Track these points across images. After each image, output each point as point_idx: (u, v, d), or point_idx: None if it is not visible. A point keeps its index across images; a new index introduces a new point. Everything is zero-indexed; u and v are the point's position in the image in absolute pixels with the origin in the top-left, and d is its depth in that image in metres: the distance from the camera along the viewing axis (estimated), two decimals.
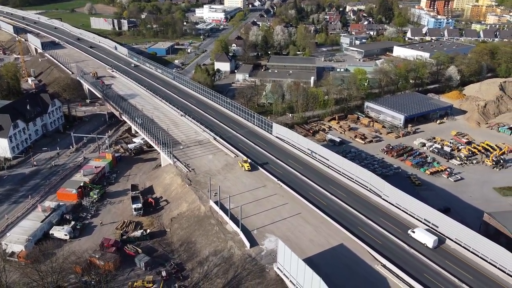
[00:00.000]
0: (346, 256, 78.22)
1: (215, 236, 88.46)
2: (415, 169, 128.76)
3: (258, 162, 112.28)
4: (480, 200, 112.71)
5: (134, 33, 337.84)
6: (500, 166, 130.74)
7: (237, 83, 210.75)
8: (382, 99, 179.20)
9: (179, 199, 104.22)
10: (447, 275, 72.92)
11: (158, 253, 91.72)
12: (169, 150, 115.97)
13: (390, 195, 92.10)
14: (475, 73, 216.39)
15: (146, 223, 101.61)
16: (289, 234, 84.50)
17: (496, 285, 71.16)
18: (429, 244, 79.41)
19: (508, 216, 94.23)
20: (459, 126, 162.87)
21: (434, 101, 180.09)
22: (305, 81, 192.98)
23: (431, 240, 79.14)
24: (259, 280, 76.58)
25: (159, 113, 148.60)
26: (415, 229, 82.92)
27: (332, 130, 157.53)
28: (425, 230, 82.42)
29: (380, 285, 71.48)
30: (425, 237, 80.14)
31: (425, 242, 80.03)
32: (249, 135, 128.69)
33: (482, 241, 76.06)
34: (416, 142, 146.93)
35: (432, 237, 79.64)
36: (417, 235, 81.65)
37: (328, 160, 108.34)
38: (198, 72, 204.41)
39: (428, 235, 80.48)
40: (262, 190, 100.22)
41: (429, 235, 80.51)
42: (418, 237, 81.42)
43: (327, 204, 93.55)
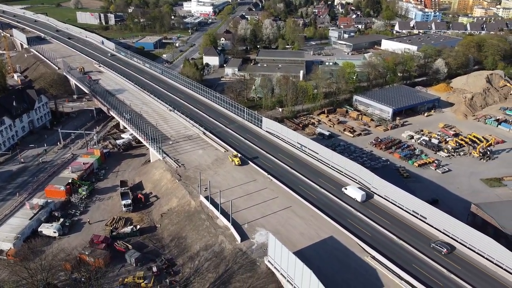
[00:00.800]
0: (336, 248, 78.93)
1: (205, 231, 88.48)
2: (403, 161, 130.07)
3: (248, 156, 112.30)
4: (467, 191, 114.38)
5: (121, 27, 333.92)
6: (487, 157, 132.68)
7: (226, 77, 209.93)
8: (371, 92, 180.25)
9: (169, 195, 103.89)
10: (434, 264, 74.16)
11: (148, 249, 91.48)
12: (158, 145, 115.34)
13: (378, 188, 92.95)
14: (462, 66, 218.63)
15: (136, 219, 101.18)
16: (280, 227, 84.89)
17: (484, 275, 72.42)
18: (358, 198, 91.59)
19: (495, 207, 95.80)
20: (446, 119, 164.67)
21: (422, 94, 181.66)
22: (294, 75, 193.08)
23: (359, 195, 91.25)
24: (250, 274, 76.94)
25: (147, 108, 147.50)
26: (347, 187, 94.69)
27: (322, 124, 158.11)
28: (355, 187, 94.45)
29: (369, 277, 72.30)
30: (355, 193, 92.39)
31: (355, 197, 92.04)
32: (239, 130, 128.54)
33: (470, 232, 77.29)
34: (404, 134, 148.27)
35: (360, 192, 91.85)
36: (349, 192, 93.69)
37: (317, 153, 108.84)
38: (187, 66, 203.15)
39: (357, 191, 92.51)
40: (252, 184, 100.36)
41: (358, 191, 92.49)
42: (349, 193, 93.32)
43: (317, 197, 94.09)
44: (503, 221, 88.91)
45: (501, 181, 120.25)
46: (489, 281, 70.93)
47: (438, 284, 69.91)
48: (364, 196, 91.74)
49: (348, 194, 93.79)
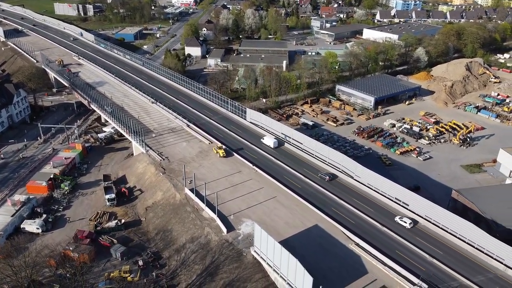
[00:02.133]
0: (321, 236, 79.94)
1: (191, 223, 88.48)
2: (385, 149, 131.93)
3: (233, 148, 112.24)
4: (448, 177, 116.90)
5: (101, 18, 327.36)
6: (467, 144, 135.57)
7: (209, 68, 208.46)
8: (353, 82, 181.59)
9: (153, 188, 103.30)
10: (417, 250, 75.90)
11: (134, 242, 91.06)
12: (141, 138, 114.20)
13: (361, 176, 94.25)
14: (442, 54, 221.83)
15: (120, 213, 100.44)
16: (265, 217, 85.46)
17: (466, 259, 74.46)
18: (270, 145, 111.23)
19: (476, 192, 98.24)
20: (427, 106, 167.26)
21: (403, 83, 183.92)
22: (278, 65, 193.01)
23: (272, 142, 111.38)
24: (237, 264, 77.46)
25: (129, 101, 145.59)
26: (264, 137, 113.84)
27: (305, 114, 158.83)
28: (271, 137, 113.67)
29: (354, 264, 73.57)
30: (269, 141, 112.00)
31: (268, 145, 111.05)
32: (223, 121, 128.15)
33: (451, 217, 79.22)
34: (386, 123, 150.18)
35: (272, 140, 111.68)
36: (265, 141, 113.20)
37: (301, 143, 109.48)
38: (168, 57, 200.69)
39: (271, 139, 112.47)
40: (237, 175, 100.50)
41: (272, 139, 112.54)
42: (265, 141, 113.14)
43: (301, 187, 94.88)
44: (483, 206, 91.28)
45: (481, 167, 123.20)
46: (469, 265, 72.99)
47: (421, 268, 71.61)
48: (276, 143, 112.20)
49: (265, 142, 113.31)
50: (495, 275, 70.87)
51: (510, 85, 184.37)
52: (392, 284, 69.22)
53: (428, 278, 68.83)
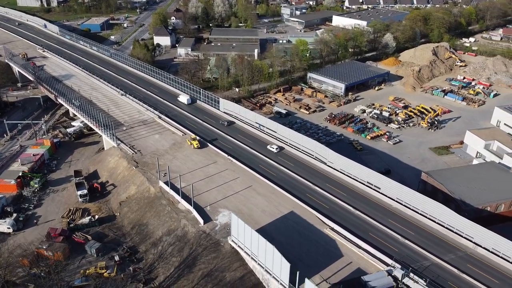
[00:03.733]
0: (296, 222, 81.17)
1: (167, 216, 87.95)
2: (356, 135, 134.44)
3: (207, 138, 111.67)
4: (417, 160, 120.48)
5: (65, 9, 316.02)
6: (435, 127, 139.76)
7: (179, 58, 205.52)
8: (324, 69, 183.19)
9: (126, 182, 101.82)
10: (390, 232, 78.24)
11: (109, 238, 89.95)
12: (111, 132, 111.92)
13: (334, 162, 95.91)
14: (409, 40, 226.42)
15: (94, 209, 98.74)
16: (242, 206, 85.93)
17: (437, 239, 77.32)
18: (184, 102, 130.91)
19: (444, 174, 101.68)
20: (396, 91, 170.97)
21: (372, 69, 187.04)
22: (249, 54, 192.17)
23: (185, 99, 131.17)
24: (215, 255, 77.83)
25: (97, 94, 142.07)
26: (179, 96, 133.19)
27: (278, 102, 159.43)
28: (185, 95, 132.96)
29: (329, 247, 75.21)
30: (183, 98, 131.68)
31: (183, 102, 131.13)
32: (196, 112, 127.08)
33: (421, 198, 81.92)
34: (356, 109, 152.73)
35: (186, 98, 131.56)
36: (180, 98, 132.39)
37: (275, 132, 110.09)
38: (137, 48, 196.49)
39: (185, 97, 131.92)
40: (212, 166, 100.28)
41: (186, 97, 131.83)
42: (180, 99, 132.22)
43: (276, 174, 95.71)
44: (451, 186, 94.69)
45: (448, 149, 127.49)
46: (440, 244, 75.89)
47: (394, 250, 73.95)
48: (189, 100, 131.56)
49: (180, 100, 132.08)
50: (465, 253, 73.93)
51: (475, 68, 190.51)
52: (367, 266, 71.26)
53: (401, 258, 71.19)
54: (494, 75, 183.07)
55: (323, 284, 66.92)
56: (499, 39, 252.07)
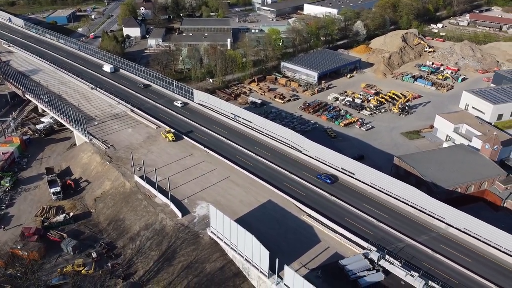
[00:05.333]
0: (274, 210, 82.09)
1: (144, 210, 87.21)
2: (330, 122, 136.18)
3: (182, 131, 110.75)
4: (389, 145, 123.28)
5: (30, 1, 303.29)
6: (406, 112, 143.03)
7: (150, 49, 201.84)
8: (297, 58, 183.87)
9: (100, 178, 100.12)
10: (365, 215, 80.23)
11: (85, 235, 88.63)
12: (83, 127, 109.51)
13: (309, 149, 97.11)
14: (379, 27, 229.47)
15: (68, 206, 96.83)
16: (220, 198, 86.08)
17: (410, 221, 79.77)
18: (108, 70, 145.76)
19: (415, 158, 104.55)
20: (367, 78, 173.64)
21: (344, 56, 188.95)
22: (222, 44, 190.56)
23: (108, 68, 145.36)
24: (194, 247, 77.92)
25: (67, 88, 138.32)
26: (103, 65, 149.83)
27: (253, 92, 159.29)
28: (108, 65, 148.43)
29: (307, 233, 76.53)
30: (106, 67, 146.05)
31: (106, 70, 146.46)
32: (170, 104, 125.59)
33: (394, 182, 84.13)
34: (329, 97, 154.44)
35: (109, 67, 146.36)
36: (104, 68, 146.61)
37: (251, 122, 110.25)
38: (106, 40, 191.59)
39: (108, 66, 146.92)
40: (189, 159, 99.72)
41: (109, 66, 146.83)
42: (104, 68, 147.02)
43: (253, 165, 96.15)
44: (423, 170, 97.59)
45: (419, 133, 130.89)
46: (414, 226, 78.40)
47: (368, 233, 75.93)
48: (112, 69, 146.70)
49: (104, 69, 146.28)
50: (437, 233, 76.64)
51: (444, 53, 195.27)
52: (344, 250, 72.99)
53: (376, 241, 73.25)
54: (461, 60, 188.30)
55: (302, 269, 68.22)
56: (466, 24, 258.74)
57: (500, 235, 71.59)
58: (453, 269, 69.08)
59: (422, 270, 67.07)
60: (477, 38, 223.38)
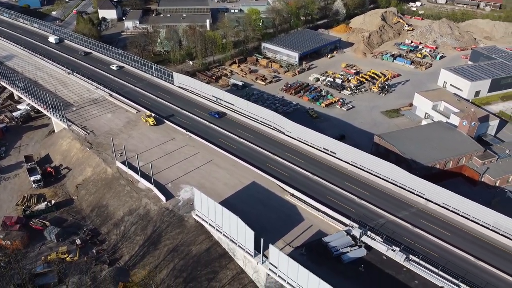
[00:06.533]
0: (258, 192, 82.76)
1: (127, 196, 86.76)
2: (312, 103, 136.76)
3: (163, 115, 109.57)
4: (370, 124, 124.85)
5: None
6: (385, 91, 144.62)
7: (127, 32, 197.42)
8: (277, 38, 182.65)
9: (81, 165, 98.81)
10: (346, 193, 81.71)
11: (68, 222, 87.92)
12: (61, 113, 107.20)
13: (292, 131, 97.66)
14: (359, 6, 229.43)
15: (49, 194, 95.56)
16: (204, 181, 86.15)
17: (391, 197, 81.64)
18: (53, 41, 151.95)
19: (395, 136, 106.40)
20: (348, 58, 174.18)
21: (324, 36, 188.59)
22: (201, 25, 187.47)
23: (53, 39, 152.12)
24: (179, 230, 78.27)
25: (43, 74, 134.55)
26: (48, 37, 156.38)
27: (234, 74, 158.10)
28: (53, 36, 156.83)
29: (290, 213, 77.62)
30: (52, 39, 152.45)
31: (51, 41, 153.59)
32: (149, 88, 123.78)
33: (375, 160, 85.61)
34: (311, 77, 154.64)
35: (54, 37, 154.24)
36: (49, 39, 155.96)
37: (233, 104, 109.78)
38: (81, 23, 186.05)
39: (53, 37, 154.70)
40: (171, 143, 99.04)
41: (54, 37, 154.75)
42: (49, 39, 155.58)
43: (236, 147, 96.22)
44: (402, 147, 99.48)
45: (398, 111, 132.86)
46: (394, 202, 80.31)
47: (350, 210, 77.49)
48: (57, 39, 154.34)
49: (49, 40, 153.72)
50: (417, 209, 78.73)
51: (422, 32, 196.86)
52: (326, 227, 74.41)
53: (358, 218, 74.89)
54: (440, 37, 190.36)
55: (286, 248, 69.41)
56: (444, 2, 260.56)
57: (478, 209, 74.03)
58: (433, 243, 71.35)
59: (403, 245, 69.06)
60: (455, 16, 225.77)
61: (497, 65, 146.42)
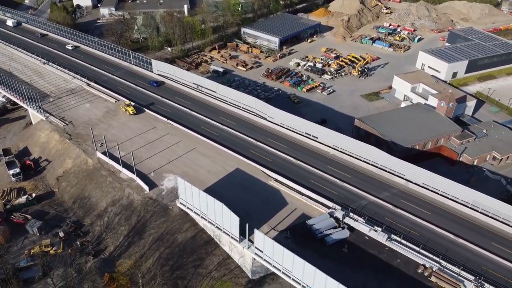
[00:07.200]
0: (242, 178, 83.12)
1: (109, 186, 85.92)
2: (293, 88, 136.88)
3: (143, 103, 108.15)
4: (350, 108, 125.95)
5: None
6: (365, 75, 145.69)
7: (103, 19, 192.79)
8: (257, 23, 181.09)
9: (61, 156, 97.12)
10: (328, 176, 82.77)
11: (50, 215, 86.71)
12: (37, 104, 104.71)
13: (274, 116, 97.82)
14: None
15: (30, 187, 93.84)
16: (187, 169, 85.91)
17: (372, 179, 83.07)
18: (10, 24, 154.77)
19: (375, 119, 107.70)
20: (327, 42, 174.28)
21: (304, 21, 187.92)
22: (179, 10, 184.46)
23: (11, 22, 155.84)
24: (164, 219, 78.19)
25: (17, 65, 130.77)
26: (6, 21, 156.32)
27: (214, 61, 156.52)
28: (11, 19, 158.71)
29: (274, 198, 78.37)
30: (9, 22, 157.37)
31: (9, 25, 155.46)
32: (128, 76, 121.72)
33: (355, 143, 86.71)
34: (291, 62, 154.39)
35: (12, 21, 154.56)
36: (7, 22, 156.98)
37: (215, 92, 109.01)
38: (55, 11, 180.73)
39: (11, 20, 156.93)
40: (152, 132, 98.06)
41: (11, 20, 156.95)
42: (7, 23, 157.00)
43: (219, 134, 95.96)
44: (382, 130, 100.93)
45: (378, 94, 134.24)
46: (376, 184, 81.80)
47: (333, 193, 78.65)
48: (15, 23, 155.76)
49: (7, 24, 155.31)
50: (398, 189, 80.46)
51: (400, 14, 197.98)
52: (310, 210, 75.49)
53: (341, 200, 76.13)
54: (417, 20, 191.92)
55: (271, 232, 70.26)
56: None
57: (457, 188, 76.12)
58: (414, 222, 73.23)
59: (385, 225, 70.71)
60: None
61: (474, 46, 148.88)
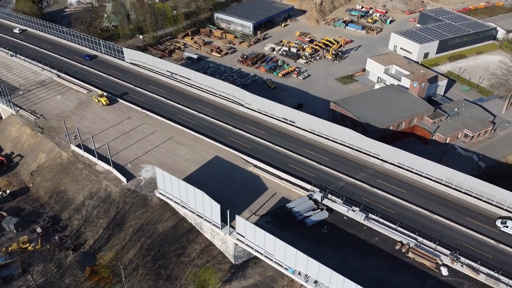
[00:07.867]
0: (222, 165, 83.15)
1: (86, 179, 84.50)
2: (269, 74, 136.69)
3: (116, 93, 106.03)
4: (325, 91, 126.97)
5: None
6: (339, 58, 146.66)
7: (71, 8, 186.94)
8: (230, 8, 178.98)
9: (34, 151, 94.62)
10: (306, 160, 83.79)
11: (26, 211, 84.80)
12: (6, 98, 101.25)
13: (251, 102, 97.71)
14: None
15: (3, 183, 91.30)
16: (165, 159, 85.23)
17: (349, 161, 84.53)
18: None
19: (350, 101, 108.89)
20: (301, 26, 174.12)
21: (277, 5, 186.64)
22: None
23: None
24: (144, 209, 77.70)
25: None
26: None
27: (188, 47, 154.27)
28: None
29: (255, 183, 78.92)
30: None
31: None
32: (99, 65, 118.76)
33: (331, 126, 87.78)
34: (266, 47, 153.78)
35: None
36: None
37: (190, 79, 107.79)
38: (21, 1, 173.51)
39: None
40: (127, 122, 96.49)
41: None
42: None
43: (196, 123, 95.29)
44: (357, 112, 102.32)
45: (352, 77, 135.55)
46: (352, 165, 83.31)
47: (311, 175, 79.71)
48: None
49: None
50: (374, 170, 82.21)
51: None
52: (289, 194, 76.45)
53: (319, 183, 77.33)
54: (389, 1, 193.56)
55: (252, 217, 70.91)
56: None
57: (430, 166, 78.36)
58: (390, 201, 75.19)
59: (362, 205, 72.42)
60: None
61: (444, 27, 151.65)
